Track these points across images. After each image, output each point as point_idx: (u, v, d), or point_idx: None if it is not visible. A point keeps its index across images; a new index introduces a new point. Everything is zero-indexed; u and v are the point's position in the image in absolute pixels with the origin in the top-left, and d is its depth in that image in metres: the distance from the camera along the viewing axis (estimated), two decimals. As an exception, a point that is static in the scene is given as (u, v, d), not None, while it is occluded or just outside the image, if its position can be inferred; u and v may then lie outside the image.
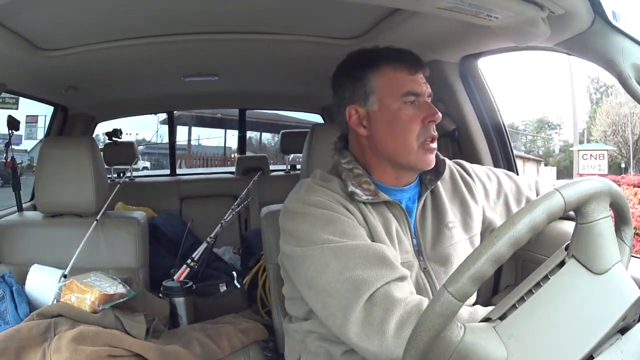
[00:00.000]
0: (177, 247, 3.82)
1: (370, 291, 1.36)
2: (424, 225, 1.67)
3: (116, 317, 2.01)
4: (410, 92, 1.58)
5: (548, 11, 1.59)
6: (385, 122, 1.59)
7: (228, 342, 2.21)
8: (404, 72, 1.60)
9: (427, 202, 1.69)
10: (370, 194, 1.58)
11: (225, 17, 2.34)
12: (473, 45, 2.37)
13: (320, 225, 1.49)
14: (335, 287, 1.40)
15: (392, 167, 1.64)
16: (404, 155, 1.59)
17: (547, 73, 37.69)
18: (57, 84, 3.29)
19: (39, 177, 2.52)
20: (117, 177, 4.85)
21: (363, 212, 1.57)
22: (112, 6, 2.12)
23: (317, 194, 1.57)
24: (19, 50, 2.34)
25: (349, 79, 1.65)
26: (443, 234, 1.66)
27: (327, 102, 4.69)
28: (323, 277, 1.43)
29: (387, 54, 1.64)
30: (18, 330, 1.87)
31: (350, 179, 1.60)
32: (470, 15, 1.69)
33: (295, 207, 1.58)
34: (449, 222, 1.67)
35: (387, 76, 1.60)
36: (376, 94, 1.60)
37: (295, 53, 2.92)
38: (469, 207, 1.74)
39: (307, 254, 1.48)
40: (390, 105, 1.59)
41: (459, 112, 2.60)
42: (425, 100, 1.60)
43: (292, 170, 5.22)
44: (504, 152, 2.63)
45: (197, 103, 5.39)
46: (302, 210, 1.55)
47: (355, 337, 1.36)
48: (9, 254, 2.53)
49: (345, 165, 1.64)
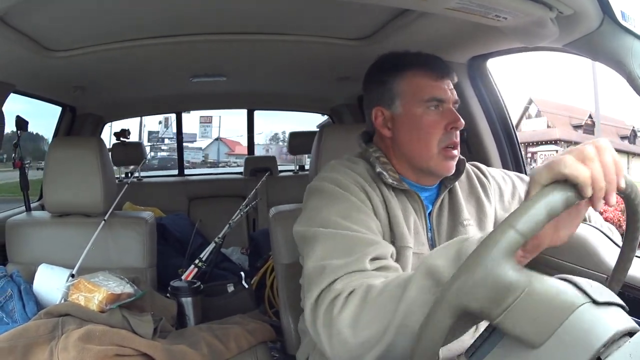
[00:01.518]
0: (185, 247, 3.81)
1: (331, 279, 1.35)
2: (440, 222, 1.71)
3: (123, 316, 2.01)
4: (434, 98, 1.62)
5: (557, 11, 1.59)
6: (408, 126, 1.64)
7: (235, 343, 2.20)
8: (429, 78, 1.63)
9: (444, 200, 1.73)
10: (395, 180, 1.63)
11: (234, 17, 2.35)
12: (481, 46, 2.38)
13: (327, 203, 1.53)
14: (311, 272, 1.41)
15: (413, 170, 1.68)
16: (424, 159, 1.63)
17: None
18: (65, 85, 3.31)
19: (47, 177, 2.52)
20: (125, 177, 4.86)
21: (385, 196, 1.61)
22: (120, 7, 2.13)
23: (338, 173, 1.61)
24: (27, 51, 2.35)
25: (376, 81, 1.71)
26: (458, 231, 1.69)
27: (336, 103, 4.70)
28: (307, 261, 1.45)
29: (414, 59, 1.68)
30: (26, 328, 1.87)
31: (378, 163, 1.65)
32: (479, 15, 1.69)
33: (313, 185, 1.63)
34: (465, 220, 1.71)
35: (412, 81, 1.64)
36: (401, 98, 1.65)
37: (304, 53, 2.92)
38: (484, 206, 1.77)
39: (305, 235, 1.51)
40: (413, 109, 1.63)
41: (468, 113, 2.61)
42: (449, 106, 1.64)
43: (301, 171, 5.22)
44: (513, 152, 2.63)
45: (205, 103, 5.39)
46: (317, 187, 1.60)
47: (309, 326, 1.36)
48: (18, 253, 2.53)
49: (373, 153, 1.69)
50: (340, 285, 1.32)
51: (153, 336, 2.03)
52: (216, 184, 5.30)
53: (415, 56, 1.69)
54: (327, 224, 1.47)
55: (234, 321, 2.41)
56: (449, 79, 1.66)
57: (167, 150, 18.72)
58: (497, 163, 2.57)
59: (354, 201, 1.54)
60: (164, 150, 19.02)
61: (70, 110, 4.03)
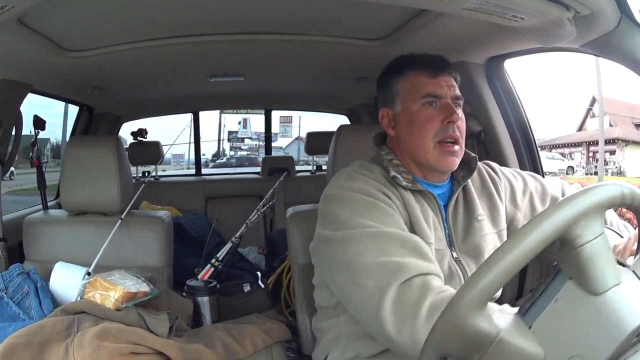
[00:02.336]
0: (202, 247, 3.82)
1: (409, 275, 1.38)
2: (456, 219, 1.75)
3: (139, 315, 2.01)
4: (429, 94, 1.67)
5: (574, 11, 1.57)
6: (406, 122, 1.70)
7: (251, 342, 2.19)
8: (425, 76, 1.68)
9: (458, 197, 1.77)
10: (409, 182, 1.66)
11: (252, 17, 2.34)
12: (499, 46, 2.37)
13: (360, 211, 1.54)
14: (373, 268, 1.43)
15: (417, 167, 1.73)
16: (422, 154, 1.68)
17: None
18: (82, 85, 3.32)
19: (64, 175, 2.54)
20: (141, 176, 4.88)
21: (404, 197, 1.64)
22: (137, 7, 2.14)
23: (358, 182, 1.63)
24: (44, 52, 2.36)
25: (382, 84, 1.79)
26: (473, 226, 1.73)
27: (354, 103, 4.69)
28: (361, 259, 1.46)
29: (411, 59, 1.75)
30: (42, 325, 1.88)
31: (392, 167, 1.69)
32: (496, 16, 1.69)
33: (335, 193, 1.64)
34: (479, 215, 1.75)
35: (410, 80, 1.71)
36: (400, 97, 1.72)
37: (321, 54, 2.91)
38: (496, 202, 1.81)
39: (347, 237, 1.51)
40: (410, 106, 1.69)
41: (485, 113, 2.60)
42: (447, 102, 1.67)
43: (318, 171, 5.21)
44: (530, 154, 2.61)
45: (222, 103, 5.41)
46: (343, 196, 1.61)
47: (389, 319, 1.36)
48: (34, 251, 2.55)
49: (385, 156, 1.73)
50: (437, 282, 1.40)
51: (169, 335, 2.03)
52: (233, 183, 5.30)
53: (415, 57, 1.75)
54: (368, 226, 1.50)
55: (249, 321, 2.40)
56: (448, 76, 1.70)
57: (246, 150, 19.95)
58: (513, 163, 2.55)
59: (382, 206, 1.57)
60: (243, 149, 20.12)
61: (88, 109, 4.06)
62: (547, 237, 0.88)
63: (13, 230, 2.75)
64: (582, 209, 0.90)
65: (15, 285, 2.21)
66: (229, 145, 21.08)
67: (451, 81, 1.70)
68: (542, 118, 23.96)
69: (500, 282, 0.89)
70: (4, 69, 2.52)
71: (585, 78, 27.84)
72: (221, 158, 20.70)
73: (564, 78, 7.41)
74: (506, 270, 0.88)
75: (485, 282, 0.88)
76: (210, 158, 20.79)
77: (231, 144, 21.10)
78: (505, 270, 0.88)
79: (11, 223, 2.86)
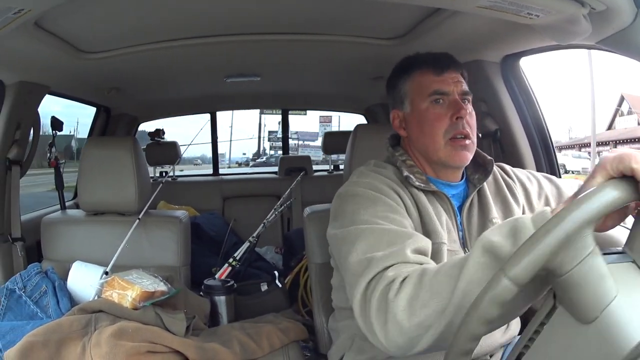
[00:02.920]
0: (219, 246, 3.84)
1: (378, 269, 1.34)
2: (470, 221, 1.73)
3: (156, 314, 2.02)
4: (436, 91, 1.67)
5: (589, 8, 1.55)
6: (416, 121, 1.71)
7: (268, 341, 2.19)
8: (431, 74, 1.69)
9: (473, 199, 1.75)
10: (422, 182, 1.66)
11: (268, 17, 2.34)
12: (514, 44, 2.35)
13: (363, 206, 1.54)
14: (355, 267, 1.41)
15: (430, 165, 1.73)
16: (434, 151, 1.67)
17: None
18: (99, 86, 3.35)
19: (81, 176, 2.55)
20: (159, 176, 4.90)
21: (416, 197, 1.64)
22: (154, 9, 2.14)
23: (368, 177, 1.65)
24: (61, 54, 2.38)
25: (391, 86, 1.81)
26: (487, 228, 1.64)
27: (371, 103, 4.68)
28: (350, 257, 1.44)
29: (417, 59, 1.75)
30: (59, 324, 1.89)
31: (405, 167, 1.69)
32: (511, 13, 1.68)
33: (345, 190, 1.65)
34: (493, 218, 1.72)
35: (416, 80, 1.71)
36: (408, 98, 1.73)
37: (337, 53, 2.91)
38: (510, 206, 1.78)
39: (344, 235, 1.51)
40: (419, 106, 1.69)
41: (501, 112, 2.58)
42: (454, 98, 1.66)
43: (335, 171, 5.20)
44: (547, 153, 2.58)
45: (239, 103, 5.41)
46: (350, 192, 1.62)
47: (360, 319, 1.34)
48: (52, 250, 2.57)
49: (399, 157, 1.73)
50: (392, 272, 1.31)
51: (186, 334, 2.03)
52: (251, 183, 5.31)
53: (421, 56, 1.75)
54: (365, 223, 1.49)
55: (266, 320, 2.41)
56: (454, 72, 1.70)
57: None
58: (530, 163, 2.52)
59: (388, 202, 1.56)
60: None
61: (105, 110, 4.08)
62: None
63: (31, 230, 2.77)
64: (561, 238, 0.86)
65: (34, 284, 2.23)
66: (269, 144, 22.16)
67: (458, 77, 1.69)
68: (577, 116, 23.72)
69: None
70: (21, 71, 2.54)
71: (614, 75, 27.55)
72: (261, 157, 21.57)
73: (595, 75, 7.34)
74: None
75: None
76: (251, 157, 21.24)
77: (271, 144, 22.05)
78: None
79: (29, 223, 2.89)
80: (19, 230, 2.68)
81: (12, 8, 1.62)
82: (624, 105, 21.06)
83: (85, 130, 4.41)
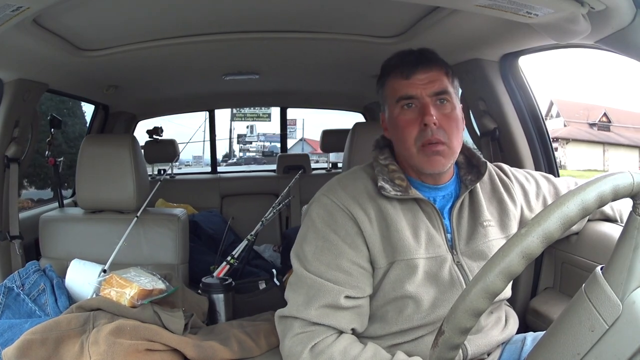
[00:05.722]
0: (217, 244, 3.83)
1: (293, 333, 1.60)
2: (460, 223, 1.70)
3: (155, 312, 2.01)
4: (402, 96, 1.64)
5: (588, 7, 1.54)
6: (392, 127, 1.70)
7: (266, 339, 2.19)
8: (399, 77, 1.65)
9: (464, 201, 1.73)
10: (400, 190, 1.63)
11: (266, 15, 2.34)
12: (513, 43, 2.35)
13: (309, 237, 1.65)
14: (291, 310, 1.62)
15: (411, 168, 1.69)
16: (408, 158, 1.65)
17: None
18: (98, 84, 3.35)
19: (80, 174, 2.55)
20: (157, 174, 4.90)
21: (384, 208, 1.62)
22: (152, 6, 2.14)
23: (334, 195, 1.66)
24: (60, 52, 2.37)
25: (376, 90, 1.80)
26: (477, 231, 1.69)
27: (369, 101, 4.69)
28: (290, 298, 1.65)
29: (389, 62, 1.72)
30: (57, 322, 1.89)
31: (383, 174, 1.66)
32: (510, 12, 1.67)
33: (309, 210, 1.71)
34: (484, 221, 1.70)
35: (389, 85, 1.69)
36: (385, 103, 1.73)
37: (336, 51, 2.90)
38: (506, 207, 1.77)
39: (291, 282, 1.67)
40: (392, 111, 1.68)
41: (500, 110, 2.58)
42: (424, 101, 1.61)
43: (334, 169, 5.21)
44: (545, 152, 2.58)
45: (238, 101, 5.41)
46: (310, 213, 1.69)
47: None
48: (50, 248, 2.57)
49: (382, 161, 1.71)
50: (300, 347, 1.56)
51: (184, 332, 2.03)
52: (249, 181, 5.31)
53: (392, 59, 1.72)
54: (304, 260, 1.64)
55: (264, 318, 2.40)
56: (425, 72, 1.63)
57: (254, 151, 24.18)
58: (528, 162, 2.53)
59: (334, 240, 1.60)
60: (252, 150, 24.20)
61: (103, 108, 4.08)
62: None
63: (29, 228, 2.77)
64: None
65: (32, 282, 2.22)
66: (238, 147, 24.60)
67: (431, 77, 1.63)
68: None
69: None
70: (20, 68, 2.54)
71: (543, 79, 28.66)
72: (232, 158, 23.43)
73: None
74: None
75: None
76: (221, 159, 22.55)
77: (240, 146, 24.67)
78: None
79: (27, 221, 2.89)
80: (17, 228, 2.67)
81: (10, 5, 1.61)
82: (553, 109, 22.60)
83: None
